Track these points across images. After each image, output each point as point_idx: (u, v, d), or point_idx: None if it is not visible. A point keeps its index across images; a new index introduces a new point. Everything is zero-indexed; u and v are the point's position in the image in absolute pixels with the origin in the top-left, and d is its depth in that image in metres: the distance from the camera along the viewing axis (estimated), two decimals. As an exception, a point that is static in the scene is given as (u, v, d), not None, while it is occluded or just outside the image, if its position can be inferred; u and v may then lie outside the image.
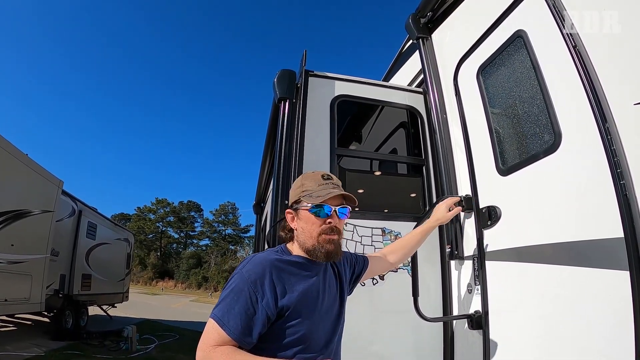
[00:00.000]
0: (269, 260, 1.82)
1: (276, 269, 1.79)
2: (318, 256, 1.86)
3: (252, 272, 1.75)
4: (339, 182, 2.01)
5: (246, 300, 1.67)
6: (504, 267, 2.51)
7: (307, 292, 1.81)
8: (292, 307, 1.73)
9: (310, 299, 1.81)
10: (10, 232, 8.90)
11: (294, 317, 1.74)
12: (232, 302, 1.68)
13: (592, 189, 1.95)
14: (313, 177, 2.00)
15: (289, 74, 3.28)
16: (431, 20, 3.60)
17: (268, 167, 5.39)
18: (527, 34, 2.45)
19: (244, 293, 1.69)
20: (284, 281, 1.77)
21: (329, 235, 1.87)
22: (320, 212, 1.88)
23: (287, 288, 1.76)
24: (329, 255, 1.87)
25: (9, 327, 13.13)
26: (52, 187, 11.06)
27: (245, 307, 1.66)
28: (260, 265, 1.78)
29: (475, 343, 2.68)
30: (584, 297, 1.94)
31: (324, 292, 1.91)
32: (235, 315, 1.65)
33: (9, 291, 9.15)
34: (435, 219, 2.72)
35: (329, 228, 1.88)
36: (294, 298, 1.74)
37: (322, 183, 1.94)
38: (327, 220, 1.88)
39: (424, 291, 2.80)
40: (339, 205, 1.92)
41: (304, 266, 1.89)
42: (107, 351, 11.12)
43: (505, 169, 2.57)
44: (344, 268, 2.17)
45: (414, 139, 3.75)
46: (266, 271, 1.75)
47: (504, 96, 2.72)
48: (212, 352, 1.60)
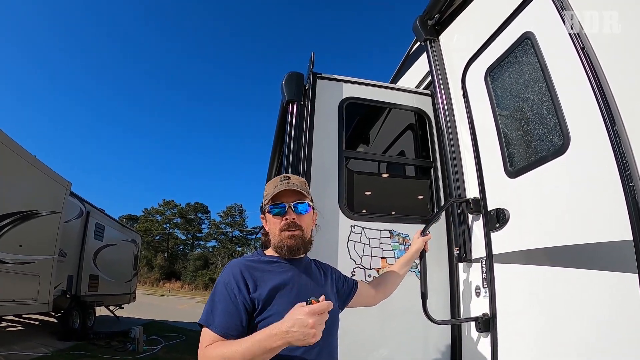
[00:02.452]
0: (240, 262, 1.99)
1: (247, 267, 1.93)
2: (282, 252, 2.02)
3: (225, 274, 1.91)
4: (299, 180, 2.14)
5: (225, 299, 1.81)
6: (512, 270, 2.49)
7: (280, 286, 1.90)
8: (265, 299, 1.83)
9: (286, 292, 1.89)
10: (18, 233, 8.96)
11: (270, 309, 1.82)
12: (215, 304, 1.82)
13: (600, 191, 1.94)
14: (273, 181, 2.14)
15: (296, 76, 3.28)
16: (439, 22, 3.59)
17: (276, 169, 5.38)
18: (535, 36, 2.44)
19: (222, 293, 1.84)
20: (256, 277, 1.90)
21: (288, 231, 2.00)
22: (274, 210, 2.04)
23: (259, 283, 1.88)
24: (290, 250, 2.00)
25: (16, 327, 13.23)
26: (60, 189, 11.12)
27: (225, 304, 1.80)
28: (231, 268, 1.94)
29: (483, 346, 2.67)
30: (592, 300, 1.92)
31: (304, 286, 1.98)
32: (219, 313, 1.78)
33: (17, 291, 9.22)
34: (415, 249, 2.77)
35: (286, 224, 2.01)
36: (265, 291, 1.85)
37: (278, 184, 2.06)
38: (284, 217, 2.02)
39: (431, 293, 2.79)
40: (295, 201, 2.04)
41: (275, 264, 2.02)
42: (114, 351, 11.18)
43: (514, 171, 2.56)
44: (331, 277, 2.27)
45: (421, 141, 3.74)
46: (237, 271, 1.89)
47: (512, 98, 2.71)
48: (205, 352, 1.70)
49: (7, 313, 9.79)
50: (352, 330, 2.16)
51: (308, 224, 2.10)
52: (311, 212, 2.12)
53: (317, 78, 3.42)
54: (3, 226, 8.49)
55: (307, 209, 2.06)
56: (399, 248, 3.11)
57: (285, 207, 2.02)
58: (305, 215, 2.06)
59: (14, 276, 8.98)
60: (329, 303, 1.55)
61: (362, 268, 3.01)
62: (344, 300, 2.32)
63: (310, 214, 2.11)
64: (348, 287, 2.36)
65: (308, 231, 2.10)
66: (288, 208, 2.02)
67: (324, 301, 1.56)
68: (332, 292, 2.18)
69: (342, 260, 2.96)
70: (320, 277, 2.17)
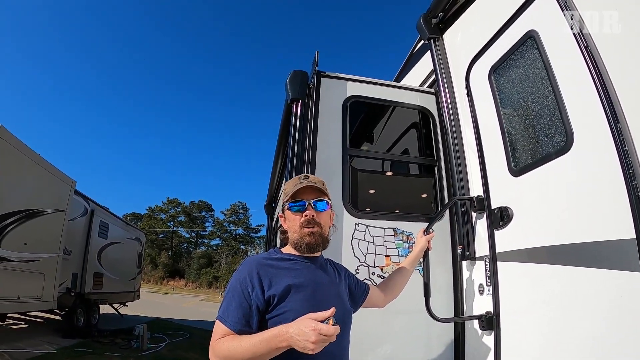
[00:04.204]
0: (256, 259, 2.02)
1: (262, 265, 1.96)
2: (301, 249, 2.05)
3: (241, 271, 1.94)
4: (318, 180, 2.16)
5: (240, 296, 1.85)
6: (515, 268, 2.50)
7: (296, 283, 1.91)
8: (280, 296, 1.85)
9: (301, 290, 1.91)
10: (23, 231, 9.00)
11: (285, 305, 1.85)
12: (230, 300, 1.86)
13: (604, 190, 1.94)
14: (292, 180, 2.19)
15: (301, 74, 3.29)
16: (442, 20, 3.59)
17: (280, 167, 5.40)
18: (539, 34, 2.44)
19: (237, 290, 1.87)
20: (271, 275, 1.92)
21: (308, 228, 2.03)
22: (295, 207, 2.07)
23: (274, 280, 1.90)
24: (309, 247, 2.03)
25: (21, 325, 13.27)
26: (64, 187, 11.16)
27: (240, 301, 1.84)
28: (248, 265, 1.97)
29: (487, 344, 2.68)
30: (596, 299, 1.93)
31: (319, 284, 2.01)
32: (233, 310, 1.82)
33: (22, 289, 9.28)
34: (420, 248, 2.80)
35: (305, 220, 2.03)
36: (281, 288, 1.87)
37: (298, 182, 2.11)
38: (304, 214, 2.04)
39: (435, 292, 2.81)
40: (314, 198, 2.07)
41: (291, 261, 2.05)
42: (118, 349, 11.18)
43: (517, 169, 2.56)
44: (345, 278, 2.30)
45: (425, 139, 3.75)
46: (253, 268, 1.92)
47: (516, 96, 2.71)
48: (216, 344, 1.77)
49: (12, 311, 9.82)
50: (355, 328, 2.16)
51: (326, 222, 2.12)
52: (329, 211, 2.14)
53: (321, 76, 3.43)
54: (8, 224, 8.52)
55: (326, 207, 2.09)
56: (402, 246, 3.12)
57: (305, 204, 2.05)
58: (324, 213, 2.09)
59: (19, 274, 9.02)
60: (336, 328, 1.57)
61: (366, 266, 3.02)
62: (357, 301, 2.34)
63: (328, 212, 2.13)
64: (360, 289, 2.38)
65: (326, 229, 2.12)
66: (308, 205, 2.05)
67: (336, 326, 1.58)
68: (345, 291, 2.20)
69: (346, 258, 2.97)
70: (335, 277, 2.20)
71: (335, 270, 2.25)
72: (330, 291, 2.04)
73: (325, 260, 2.24)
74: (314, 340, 1.52)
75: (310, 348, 1.54)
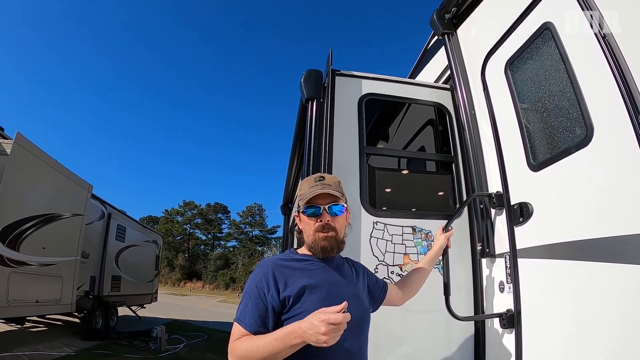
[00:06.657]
0: (271, 261, 2.05)
1: (278, 266, 1.98)
2: (316, 252, 2.05)
3: (257, 273, 1.97)
4: (333, 181, 2.14)
5: (256, 297, 1.88)
6: (536, 265, 2.46)
7: (311, 284, 1.92)
8: (295, 297, 1.87)
9: (317, 290, 1.92)
10: (41, 235, 9.12)
11: (300, 306, 1.86)
12: (247, 301, 1.90)
13: (625, 182, 1.90)
14: (307, 180, 2.18)
15: (315, 73, 3.27)
16: (456, 15, 3.57)
17: (296, 167, 5.38)
18: (555, 26, 2.39)
19: (253, 292, 1.90)
20: (286, 276, 1.93)
21: (322, 233, 2.03)
22: (310, 212, 2.06)
23: (289, 281, 1.91)
24: (324, 251, 2.02)
25: (40, 328, 13.47)
26: (81, 191, 11.28)
27: (256, 302, 1.87)
28: (264, 266, 2.00)
29: (508, 342, 2.65)
30: (618, 295, 1.89)
31: (334, 284, 2.01)
32: (250, 311, 1.85)
33: (41, 292, 9.40)
34: (439, 246, 2.80)
35: (320, 226, 2.03)
36: (296, 289, 1.88)
37: (313, 185, 2.09)
38: (318, 219, 2.04)
39: (454, 289, 2.78)
40: (329, 203, 2.05)
41: (307, 262, 2.06)
42: (136, 351, 11.32)
43: (537, 164, 2.52)
44: (363, 276, 2.29)
45: (442, 136, 3.72)
46: (269, 269, 1.95)
47: (533, 90, 2.67)
48: (234, 345, 1.80)
49: (31, 314, 9.99)
50: (374, 327, 2.14)
51: (342, 225, 2.11)
52: (345, 214, 2.12)
53: (335, 75, 3.41)
54: (27, 229, 8.63)
55: (342, 211, 2.08)
56: (421, 244, 3.09)
57: (320, 209, 2.04)
58: (339, 217, 2.07)
59: (38, 278, 9.16)
60: (344, 316, 1.58)
61: (385, 265, 3.00)
62: (376, 300, 2.33)
63: (344, 215, 2.11)
64: (379, 287, 2.37)
65: (342, 232, 2.11)
66: (323, 210, 2.04)
67: (345, 314, 1.59)
68: (363, 290, 2.19)
69: (364, 257, 2.95)
70: (352, 275, 2.19)
71: (352, 269, 2.24)
72: (346, 291, 2.02)
73: (342, 259, 2.24)
74: (324, 331, 1.53)
75: (322, 340, 1.55)
